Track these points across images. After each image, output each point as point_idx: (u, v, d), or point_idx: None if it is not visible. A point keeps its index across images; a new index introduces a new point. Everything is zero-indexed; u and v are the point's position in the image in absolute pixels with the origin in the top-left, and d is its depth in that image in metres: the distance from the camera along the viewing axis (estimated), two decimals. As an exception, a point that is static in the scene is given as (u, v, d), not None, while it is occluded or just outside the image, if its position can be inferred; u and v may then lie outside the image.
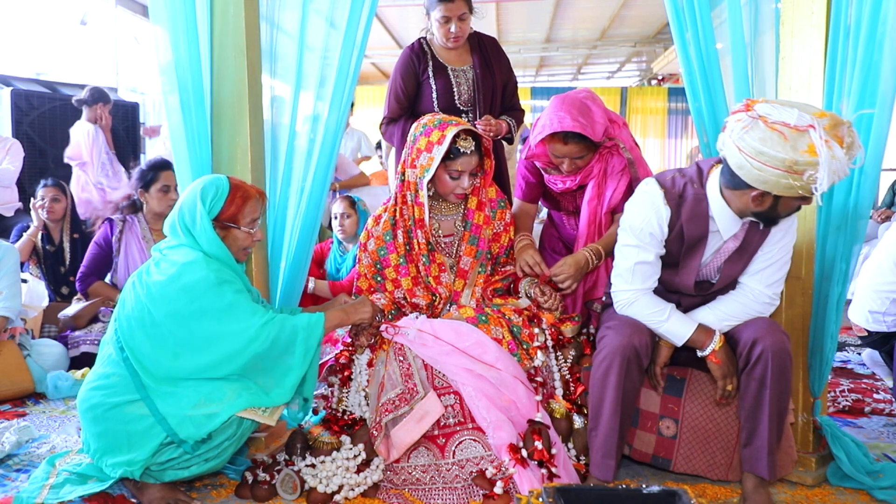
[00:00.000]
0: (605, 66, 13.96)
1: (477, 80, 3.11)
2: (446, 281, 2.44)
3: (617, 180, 2.49)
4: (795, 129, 1.69)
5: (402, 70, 3.13)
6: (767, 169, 1.74)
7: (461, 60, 3.14)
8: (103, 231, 3.55)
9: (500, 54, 3.20)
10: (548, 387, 2.30)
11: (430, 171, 2.28)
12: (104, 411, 1.94)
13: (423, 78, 3.11)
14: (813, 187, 1.71)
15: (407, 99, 3.14)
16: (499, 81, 3.15)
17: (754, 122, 1.75)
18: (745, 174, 1.81)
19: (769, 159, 1.72)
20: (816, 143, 1.67)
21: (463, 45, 3.12)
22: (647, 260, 2.06)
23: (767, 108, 1.76)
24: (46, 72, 7.22)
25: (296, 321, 2.01)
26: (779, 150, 1.70)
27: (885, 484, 2.11)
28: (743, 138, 1.76)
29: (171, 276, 1.95)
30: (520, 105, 3.27)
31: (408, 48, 3.17)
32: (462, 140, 2.30)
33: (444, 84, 3.10)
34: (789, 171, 1.71)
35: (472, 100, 3.12)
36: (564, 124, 2.35)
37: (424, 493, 2.09)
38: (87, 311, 3.45)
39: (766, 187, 1.80)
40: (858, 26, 1.99)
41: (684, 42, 2.30)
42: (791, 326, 2.20)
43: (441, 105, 3.08)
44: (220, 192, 2.04)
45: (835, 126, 1.70)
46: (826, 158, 1.66)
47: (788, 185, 1.74)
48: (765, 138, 1.72)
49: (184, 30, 2.23)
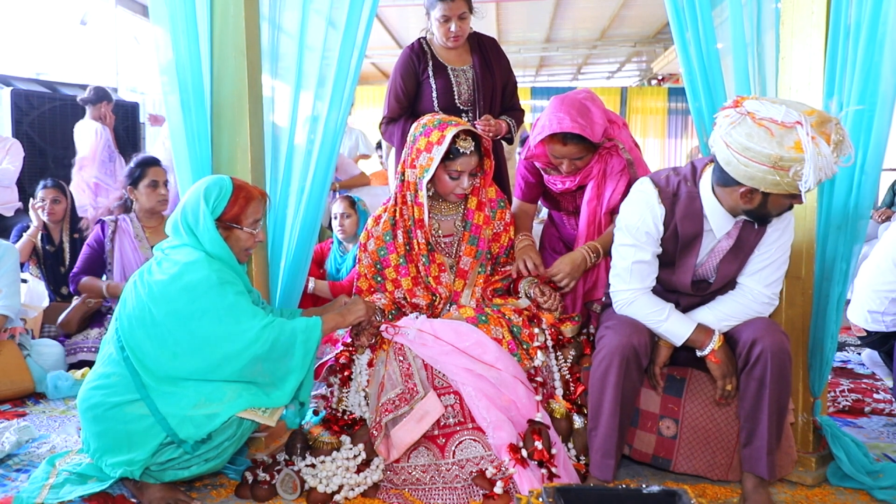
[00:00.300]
0: (605, 66, 13.95)
1: (477, 79, 3.10)
2: (446, 281, 2.44)
3: (616, 181, 2.49)
4: (782, 126, 1.70)
5: (402, 70, 3.13)
6: (754, 165, 1.74)
7: (461, 60, 3.14)
8: (96, 232, 3.56)
9: (499, 54, 3.20)
10: (548, 387, 2.30)
11: (430, 172, 2.28)
12: (104, 411, 1.94)
13: (423, 77, 3.11)
14: (799, 184, 1.71)
15: (407, 99, 3.14)
16: (499, 81, 3.15)
17: (742, 118, 1.75)
18: (733, 170, 1.81)
19: (755, 155, 1.73)
20: (803, 139, 1.67)
21: (463, 45, 3.12)
22: (644, 259, 2.06)
23: (756, 105, 1.77)
24: (46, 72, 7.22)
25: (294, 324, 2.01)
26: (765, 145, 1.71)
27: (885, 484, 2.11)
28: (730, 134, 1.77)
29: (173, 276, 1.95)
30: (520, 105, 3.27)
31: (408, 48, 3.17)
32: (462, 140, 2.30)
33: (444, 84, 3.09)
34: (775, 167, 1.71)
35: (472, 100, 3.12)
36: (564, 125, 2.35)
37: (424, 493, 2.09)
38: (73, 315, 3.45)
39: (754, 183, 1.80)
40: (858, 26, 1.99)
41: (684, 42, 2.30)
42: (791, 326, 2.20)
43: (441, 105, 3.08)
44: (224, 192, 2.05)
45: (822, 123, 1.70)
46: (812, 155, 1.66)
47: (775, 181, 1.74)
48: (751, 134, 1.73)
49: (184, 30, 2.23)
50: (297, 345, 1.99)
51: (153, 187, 3.49)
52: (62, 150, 5.38)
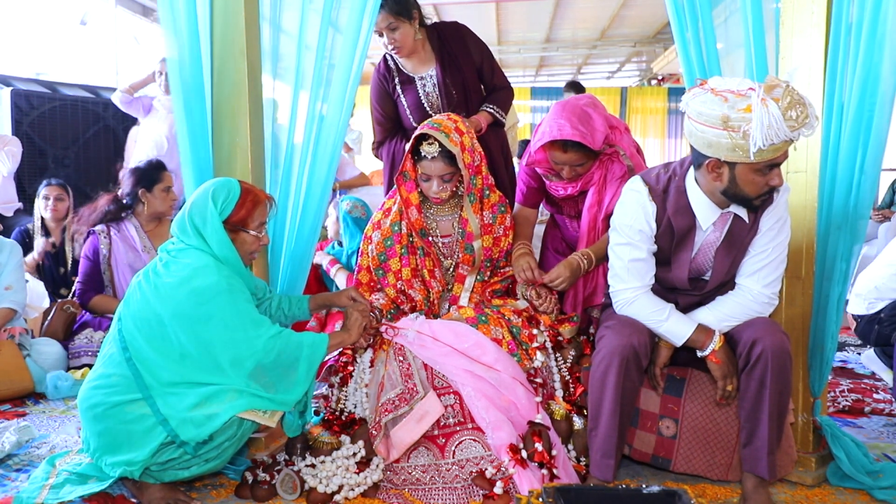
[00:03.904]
0: (604, 66, 13.95)
1: (439, 83, 2.95)
2: (439, 276, 2.47)
3: (616, 186, 2.49)
4: (737, 94, 1.79)
5: (376, 94, 3.06)
6: (708, 129, 1.83)
7: (424, 66, 2.98)
8: (91, 244, 3.53)
9: (463, 42, 2.98)
10: (547, 388, 2.30)
11: (407, 175, 2.40)
12: (104, 410, 1.94)
13: (395, 96, 3.03)
14: (749, 143, 1.76)
15: (388, 120, 3.07)
16: (468, 72, 2.97)
17: (703, 92, 1.85)
18: (695, 141, 1.89)
19: (707, 118, 1.82)
20: (753, 101, 1.75)
21: (423, 49, 2.96)
22: (640, 257, 2.07)
23: (717, 81, 1.88)
24: (46, 72, 7.21)
25: (301, 338, 2.02)
26: (716, 108, 1.80)
27: (884, 484, 2.11)
28: (689, 104, 1.87)
29: (182, 279, 1.95)
30: (505, 82, 3.06)
31: (375, 70, 3.07)
32: (426, 144, 2.31)
33: (413, 97, 2.99)
34: (726, 128, 1.79)
35: (441, 104, 2.98)
36: (564, 132, 2.35)
37: (424, 493, 2.09)
38: (56, 325, 3.43)
39: (712, 151, 1.86)
40: (859, 26, 2.00)
41: (685, 42, 2.30)
42: (791, 326, 2.20)
43: (416, 119, 2.95)
44: (232, 195, 2.05)
45: (771, 88, 1.78)
46: (759, 114, 1.73)
47: (729, 144, 1.80)
48: (707, 101, 1.82)
49: (184, 30, 2.23)
50: (302, 359, 2.00)
51: (167, 192, 3.52)
52: (62, 150, 5.37)
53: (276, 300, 2.30)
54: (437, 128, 2.32)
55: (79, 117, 5.39)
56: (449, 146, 2.30)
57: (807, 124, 1.78)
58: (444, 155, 2.32)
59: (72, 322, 3.50)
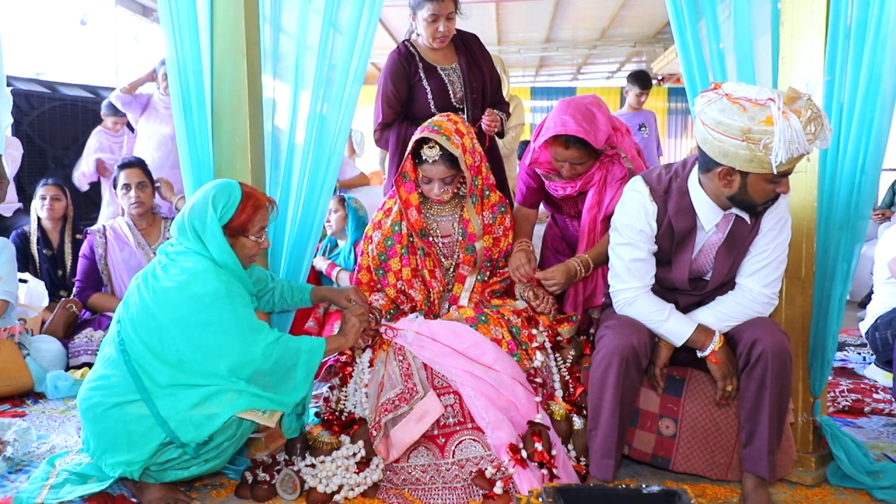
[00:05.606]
0: (604, 66, 13.94)
1: (465, 77, 3.09)
2: (440, 276, 2.46)
3: (616, 188, 2.49)
4: (755, 103, 1.76)
5: (392, 74, 3.08)
6: (727, 139, 1.79)
7: (447, 60, 3.11)
8: (88, 243, 3.61)
9: (483, 51, 3.18)
10: (547, 388, 2.30)
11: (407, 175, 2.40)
12: (104, 411, 1.94)
13: (414, 80, 3.07)
14: (770, 157, 1.74)
15: (399, 103, 3.10)
16: (487, 77, 3.14)
17: (719, 98, 1.81)
18: (710, 148, 1.85)
19: (727, 128, 1.78)
20: (774, 114, 1.72)
21: (448, 45, 3.11)
22: (640, 257, 2.07)
23: (733, 86, 1.84)
24: (46, 72, 7.21)
25: (299, 343, 2.02)
26: (736, 118, 1.76)
27: (884, 484, 2.11)
28: (705, 111, 1.83)
29: (181, 283, 1.95)
30: (504, 99, 3.30)
31: (394, 52, 3.12)
32: (427, 148, 2.31)
33: (439, 84, 3.07)
34: (746, 140, 1.75)
35: (464, 97, 3.10)
36: (568, 128, 2.35)
37: (424, 492, 2.08)
38: (57, 323, 3.45)
39: (728, 160, 1.83)
40: (860, 27, 2.00)
41: (685, 42, 2.30)
42: (791, 326, 2.20)
43: (438, 106, 3.04)
44: (232, 199, 2.03)
45: (792, 100, 1.75)
46: (781, 127, 1.70)
47: (747, 155, 1.77)
48: (725, 109, 1.78)
49: (184, 30, 2.23)
50: (300, 364, 2.00)
51: (125, 190, 3.54)
52: (62, 150, 5.38)
53: (278, 290, 2.31)
54: (437, 130, 2.32)
55: (78, 117, 5.39)
56: (450, 149, 2.30)
57: (821, 137, 1.76)
58: (446, 158, 2.32)
59: (73, 321, 3.51)
